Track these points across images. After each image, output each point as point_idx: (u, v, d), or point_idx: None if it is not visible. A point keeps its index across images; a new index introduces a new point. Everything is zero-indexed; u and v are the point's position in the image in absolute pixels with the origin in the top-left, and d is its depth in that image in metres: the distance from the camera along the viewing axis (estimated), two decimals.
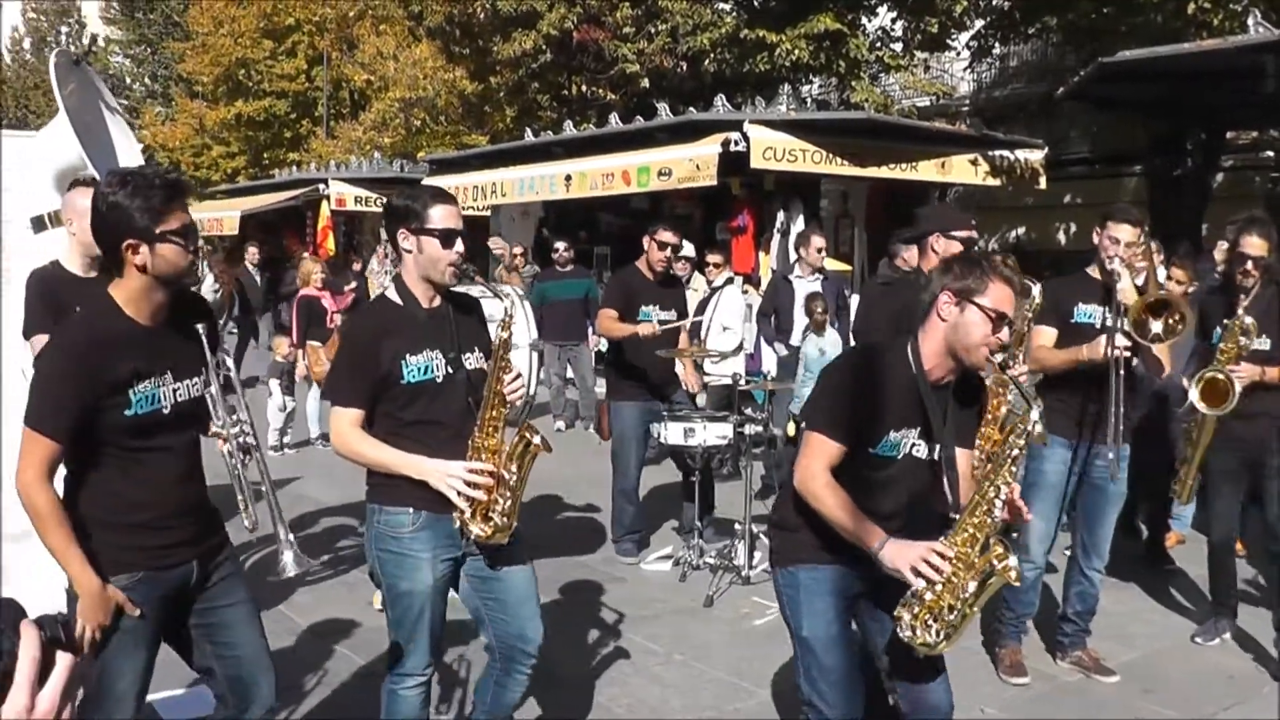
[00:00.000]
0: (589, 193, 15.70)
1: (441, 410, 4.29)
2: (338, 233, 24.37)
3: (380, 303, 4.52)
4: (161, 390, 3.74)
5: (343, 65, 36.22)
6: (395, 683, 4.43)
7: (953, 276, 3.99)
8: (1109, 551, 6.54)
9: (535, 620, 4.52)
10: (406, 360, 4.24)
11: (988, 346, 3.90)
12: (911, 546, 3.78)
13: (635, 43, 20.89)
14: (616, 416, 8.82)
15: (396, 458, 4.24)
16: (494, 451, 4.27)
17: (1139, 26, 16.58)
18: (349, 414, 4.28)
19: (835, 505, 3.92)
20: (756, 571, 8.10)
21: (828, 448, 3.98)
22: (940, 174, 15.63)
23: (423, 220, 4.28)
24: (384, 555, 4.36)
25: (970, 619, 3.81)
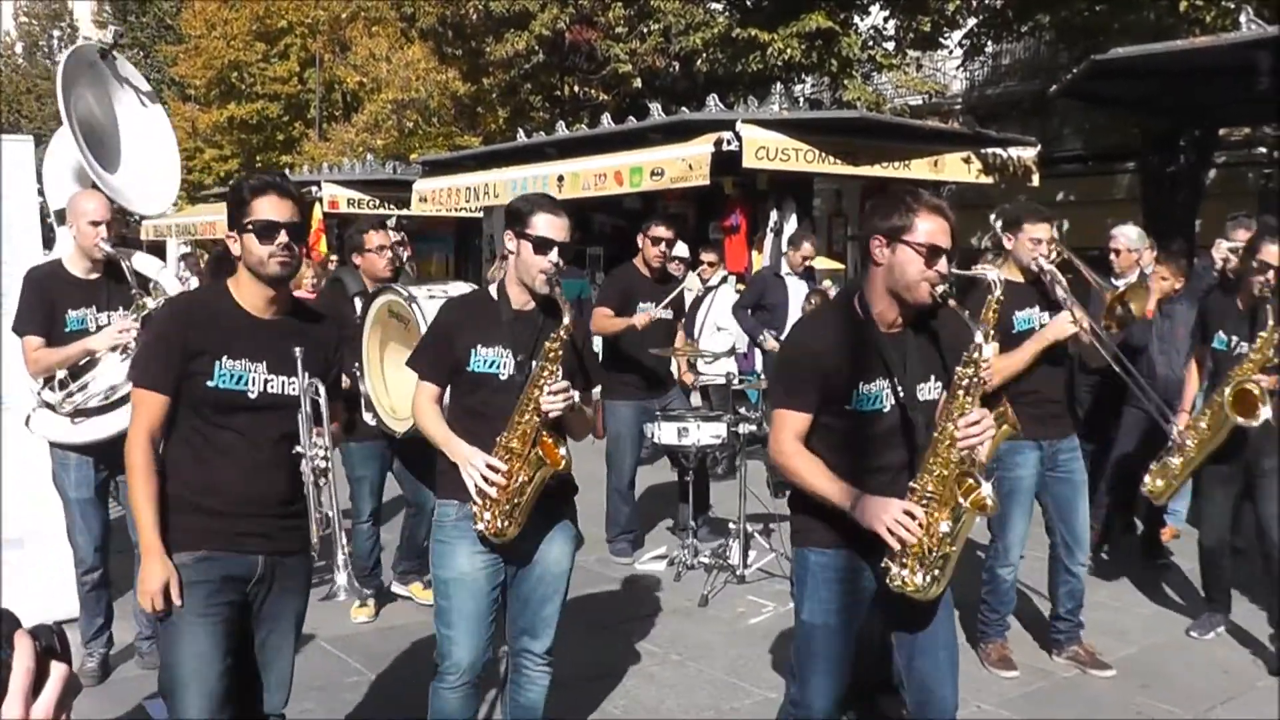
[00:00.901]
0: (581, 193, 15.66)
1: (496, 406, 4.38)
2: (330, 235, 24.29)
3: (476, 295, 4.82)
4: (250, 375, 3.88)
5: (335, 67, 36.16)
6: (438, 680, 4.48)
7: (879, 218, 3.95)
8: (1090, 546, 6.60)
9: (548, 624, 4.59)
10: (477, 349, 4.40)
11: (927, 281, 3.84)
12: (884, 505, 3.77)
13: (627, 43, 20.89)
14: (611, 416, 8.82)
15: (445, 436, 4.42)
16: (516, 455, 4.31)
17: (1132, 24, 16.61)
18: (426, 388, 4.50)
19: (805, 470, 3.93)
20: (751, 571, 8.12)
21: (790, 419, 3.97)
22: (933, 172, 15.61)
23: (525, 225, 4.41)
24: (434, 545, 4.52)
25: (953, 558, 3.82)
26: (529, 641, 4.58)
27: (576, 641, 6.77)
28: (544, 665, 4.61)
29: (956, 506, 3.75)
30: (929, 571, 3.79)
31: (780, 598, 7.57)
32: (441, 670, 4.44)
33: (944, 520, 3.77)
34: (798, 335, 4.31)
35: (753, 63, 19.86)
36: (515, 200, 4.59)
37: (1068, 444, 6.40)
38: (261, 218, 3.86)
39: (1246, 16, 10.83)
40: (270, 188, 3.90)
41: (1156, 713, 6.01)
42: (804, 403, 3.96)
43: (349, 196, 23.52)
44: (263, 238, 3.86)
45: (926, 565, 3.78)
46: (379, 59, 31.64)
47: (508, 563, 4.49)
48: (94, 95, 7.17)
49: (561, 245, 4.42)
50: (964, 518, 3.76)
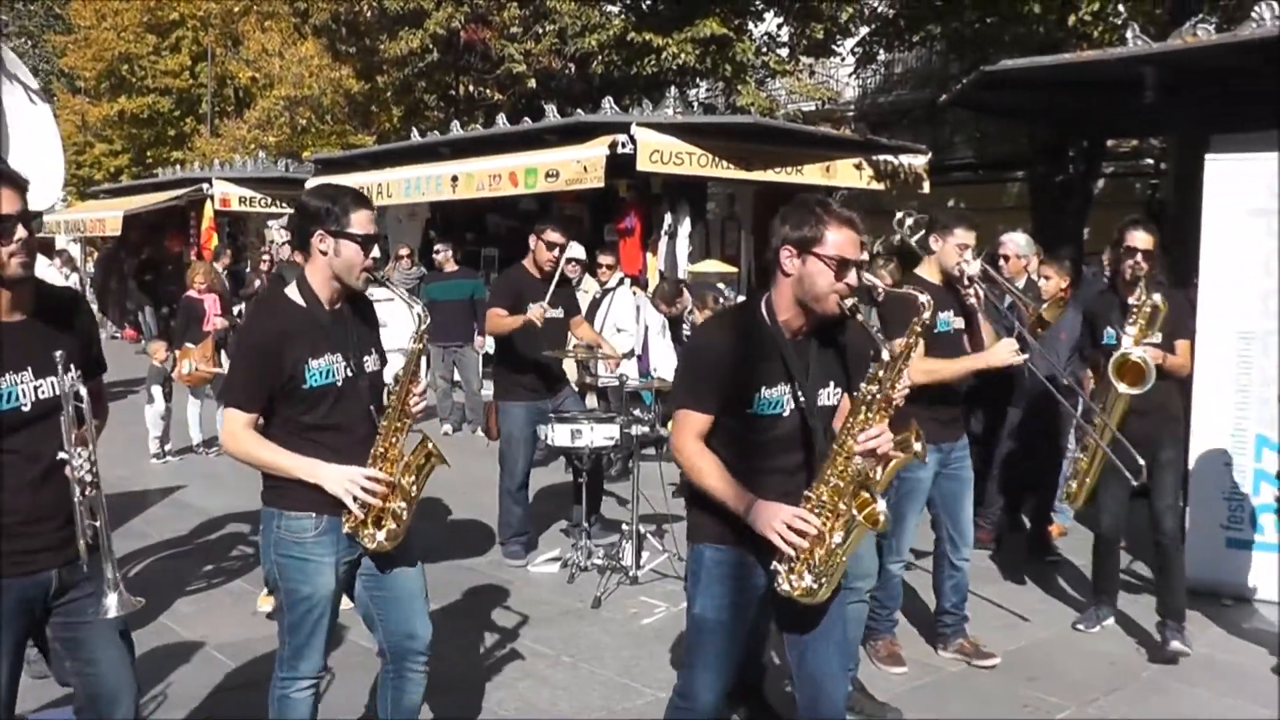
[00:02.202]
0: (476, 194, 15.62)
1: (342, 414, 4.26)
2: (221, 234, 23.95)
3: (282, 302, 4.35)
4: (18, 387, 3.66)
5: (227, 62, 35.68)
6: (286, 686, 4.36)
7: (789, 227, 3.95)
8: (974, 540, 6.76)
9: (424, 618, 4.50)
10: (309, 364, 4.18)
11: (836, 294, 3.87)
12: (777, 511, 3.81)
13: (522, 43, 20.82)
14: (504, 417, 8.78)
15: (293, 461, 4.19)
16: (393, 461, 4.25)
17: (1022, 36, 16.87)
18: (244, 417, 4.21)
19: (704, 470, 3.95)
20: (644, 571, 8.15)
21: (691, 419, 3.99)
22: (825, 178, 15.76)
23: (343, 224, 4.23)
24: (285, 560, 4.28)
25: (842, 566, 3.87)
26: (412, 642, 4.47)
27: (468, 644, 6.77)
28: (425, 663, 4.52)
29: (850, 519, 3.80)
30: (817, 578, 3.83)
31: (673, 598, 7.60)
32: (290, 677, 4.35)
33: (837, 531, 3.82)
34: (703, 337, 4.31)
35: (648, 66, 19.92)
36: (315, 197, 4.35)
37: (960, 445, 6.53)
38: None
39: (1132, 33, 11.05)
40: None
41: (1042, 705, 6.13)
42: (705, 404, 3.97)
43: (241, 194, 23.21)
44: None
45: (814, 572, 3.83)
46: (272, 54, 31.24)
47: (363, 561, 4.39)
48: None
49: (379, 240, 4.35)
50: (855, 530, 3.81)
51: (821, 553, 3.82)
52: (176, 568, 8.40)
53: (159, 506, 10.36)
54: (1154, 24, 14.11)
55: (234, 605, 7.57)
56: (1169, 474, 6.93)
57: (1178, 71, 10.67)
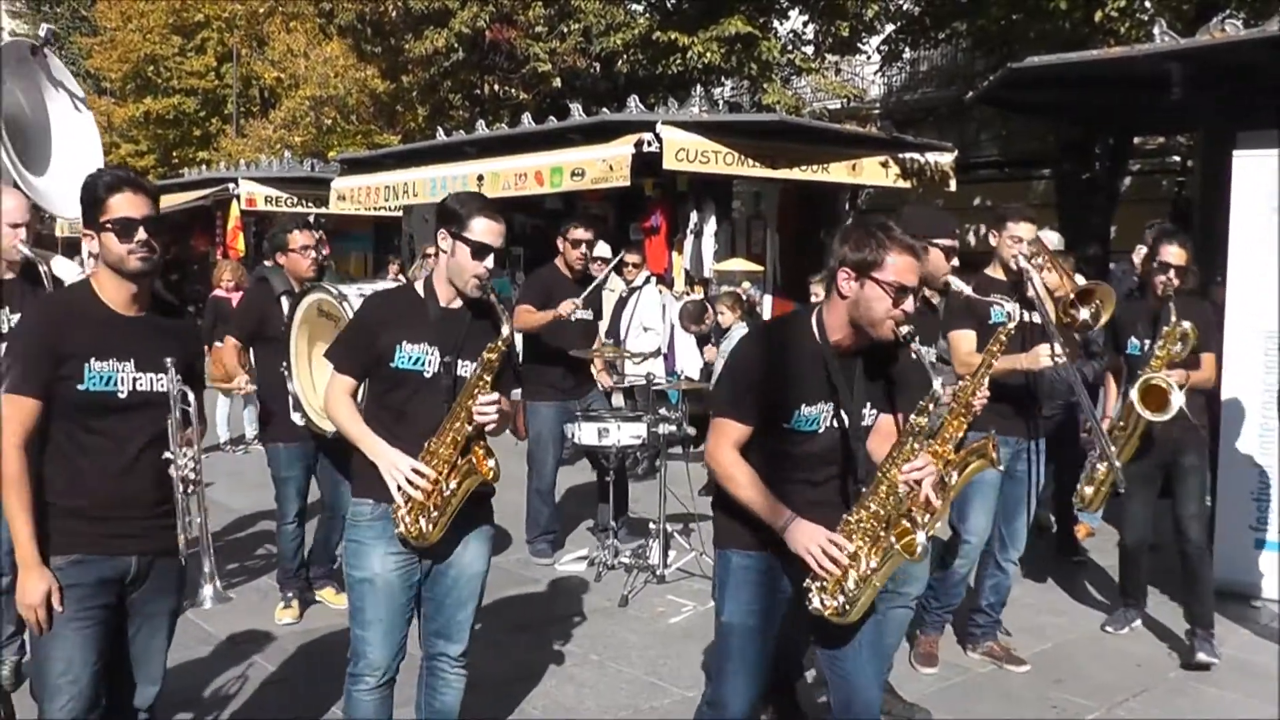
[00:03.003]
0: (501, 193, 15.63)
1: (419, 404, 4.34)
2: (248, 233, 24.07)
3: (403, 290, 4.69)
4: (119, 374, 3.83)
5: (252, 62, 35.72)
6: (351, 683, 4.41)
7: (849, 249, 3.93)
8: None
9: (463, 628, 4.53)
10: (402, 345, 4.33)
11: (892, 319, 3.86)
12: (813, 533, 3.82)
13: (548, 42, 20.87)
14: (533, 416, 8.82)
15: (362, 432, 4.33)
16: (445, 461, 4.28)
17: (1048, 33, 16.81)
18: (342, 381, 4.40)
19: (742, 482, 3.96)
20: (671, 570, 8.16)
21: (731, 429, 3.99)
22: (851, 176, 15.78)
23: (463, 227, 4.34)
24: (348, 545, 4.45)
25: (873, 591, 3.87)
26: (444, 645, 4.52)
27: (496, 642, 6.79)
28: (460, 668, 4.56)
29: (888, 547, 3.81)
30: (849, 600, 3.83)
31: (699, 597, 7.61)
32: (355, 672, 4.38)
33: (872, 557, 3.83)
34: (752, 347, 4.28)
35: (673, 65, 19.93)
36: (452, 199, 4.51)
37: (1034, 446, 6.45)
38: (119, 215, 3.82)
39: (1160, 29, 11.02)
40: (125, 184, 3.86)
41: (1070, 707, 6.12)
42: (747, 415, 3.98)
43: (266, 194, 23.34)
44: (121, 235, 3.82)
45: (846, 594, 3.83)
46: (297, 55, 31.32)
47: (421, 562, 4.43)
48: (23, 93, 7.06)
49: (498, 251, 4.40)
50: (892, 559, 3.82)
51: (855, 577, 3.83)
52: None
53: None
54: (1181, 19, 14.05)
55: (260, 603, 7.60)
56: (1192, 480, 6.89)
57: (1204, 67, 10.64)
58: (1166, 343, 6.62)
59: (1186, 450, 6.85)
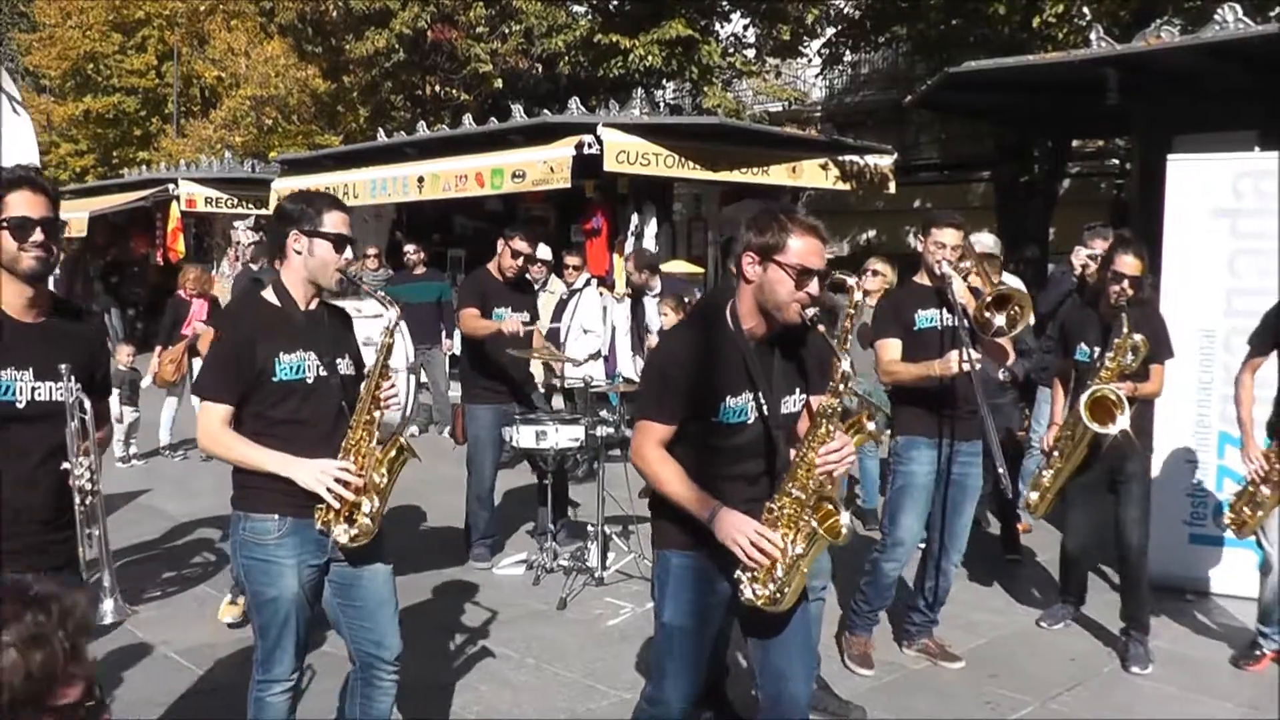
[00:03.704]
0: (442, 194, 15.60)
1: (311, 411, 4.28)
2: (188, 234, 23.82)
3: (258, 302, 4.47)
4: (17, 384, 3.71)
5: (193, 61, 35.43)
6: (263, 690, 4.37)
7: (752, 233, 3.95)
8: None
9: (392, 629, 4.49)
10: (280, 358, 4.23)
11: (797, 302, 3.88)
12: (740, 522, 3.82)
13: (489, 43, 20.81)
14: (471, 420, 8.77)
15: (266, 455, 4.22)
16: (364, 454, 4.25)
17: (986, 38, 16.97)
18: (219, 410, 4.25)
19: (667, 478, 3.95)
20: (610, 573, 8.15)
21: (654, 429, 3.99)
22: (792, 178, 15.81)
23: (316, 224, 4.31)
24: (249, 563, 4.31)
25: (803, 576, 3.88)
26: (380, 650, 4.47)
27: (433, 647, 6.75)
28: (394, 673, 4.52)
29: (812, 531, 3.81)
30: (779, 588, 3.84)
31: (638, 599, 7.60)
32: (266, 680, 4.36)
33: (798, 542, 3.83)
34: (669, 345, 4.28)
35: (614, 67, 19.94)
36: (291, 200, 4.45)
37: (969, 448, 6.47)
38: (16, 214, 3.70)
39: (1096, 35, 11.13)
40: (24, 183, 3.75)
41: (1005, 702, 6.16)
42: (670, 414, 3.98)
43: (207, 195, 23.07)
44: (16, 235, 3.70)
45: (776, 582, 3.84)
46: (238, 54, 31.11)
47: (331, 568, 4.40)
48: None
49: (353, 240, 4.40)
50: (817, 543, 3.83)
51: (783, 563, 3.83)
52: (140, 573, 8.33)
53: (123, 511, 10.26)
54: (1118, 25, 14.21)
55: (198, 610, 7.52)
56: (1135, 486, 6.92)
57: (1140, 73, 10.77)
58: (1118, 354, 6.61)
59: (1131, 457, 6.87)
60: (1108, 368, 6.63)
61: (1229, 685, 6.47)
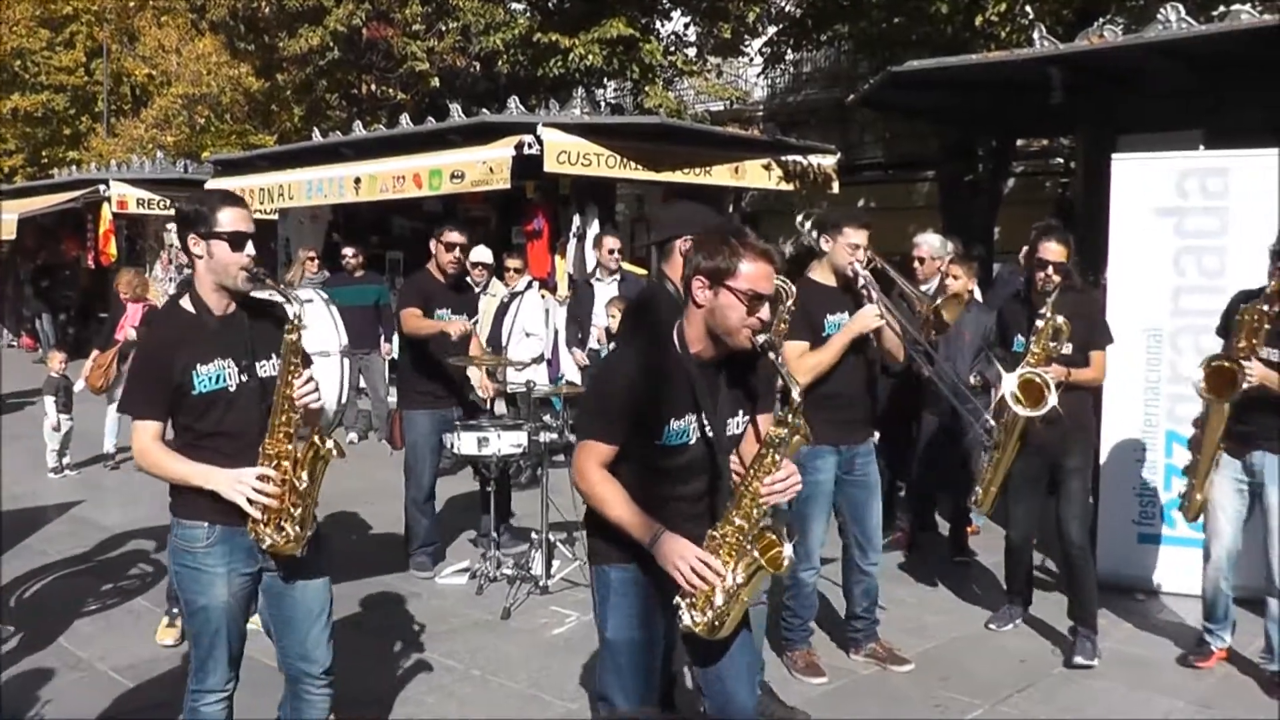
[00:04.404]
0: (379, 196, 15.48)
1: (235, 420, 4.25)
2: (119, 237, 23.53)
3: (172, 311, 4.43)
4: None
5: (123, 58, 35.03)
6: (196, 699, 4.35)
7: (703, 257, 3.92)
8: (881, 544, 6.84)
9: (322, 641, 4.45)
10: (197, 370, 4.19)
11: (748, 328, 3.85)
12: (682, 548, 3.80)
13: (426, 41, 20.65)
14: (409, 425, 8.70)
15: (189, 468, 4.21)
16: (284, 458, 4.20)
17: (929, 36, 17.05)
18: (148, 426, 4.25)
19: (611, 501, 3.93)
20: (555, 581, 8.11)
21: (597, 450, 3.97)
22: (734, 178, 15.81)
23: (211, 224, 4.23)
24: (181, 571, 4.31)
25: (741, 604, 3.86)
26: (305, 665, 4.44)
27: (373, 659, 6.69)
28: (325, 687, 4.49)
29: (753, 561, 3.79)
30: (718, 615, 3.82)
31: (583, 607, 7.56)
32: (199, 690, 4.34)
33: (739, 571, 3.81)
34: (615, 366, 4.23)
35: (554, 67, 19.87)
36: (186, 202, 4.40)
37: (864, 448, 6.54)
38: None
39: (1039, 34, 11.22)
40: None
41: (954, 705, 6.19)
42: (612, 434, 3.96)
43: (139, 196, 22.77)
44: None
45: (715, 610, 3.82)
46: (169, 51, 30.82)
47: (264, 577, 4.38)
48: None
49: (254, 236, 4.31)
50: (758, 572, 3.81)
51: (723, 592, 3.81)
52: (75, 587, 8.19)
53: (57, 523, 10.11)
54: (1061, 24, 14.31)
55: (134, 625, 7.40)
56: (1075, 481, 6.97)
57: (1085, 72, 10.85)
58: (1040, 337, 6.64)
59: (1071, 452, 6.93)
60: (1033, 352, 6.66)
61: (1179, 682, 6.52)
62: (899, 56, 14.64)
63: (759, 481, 3.80)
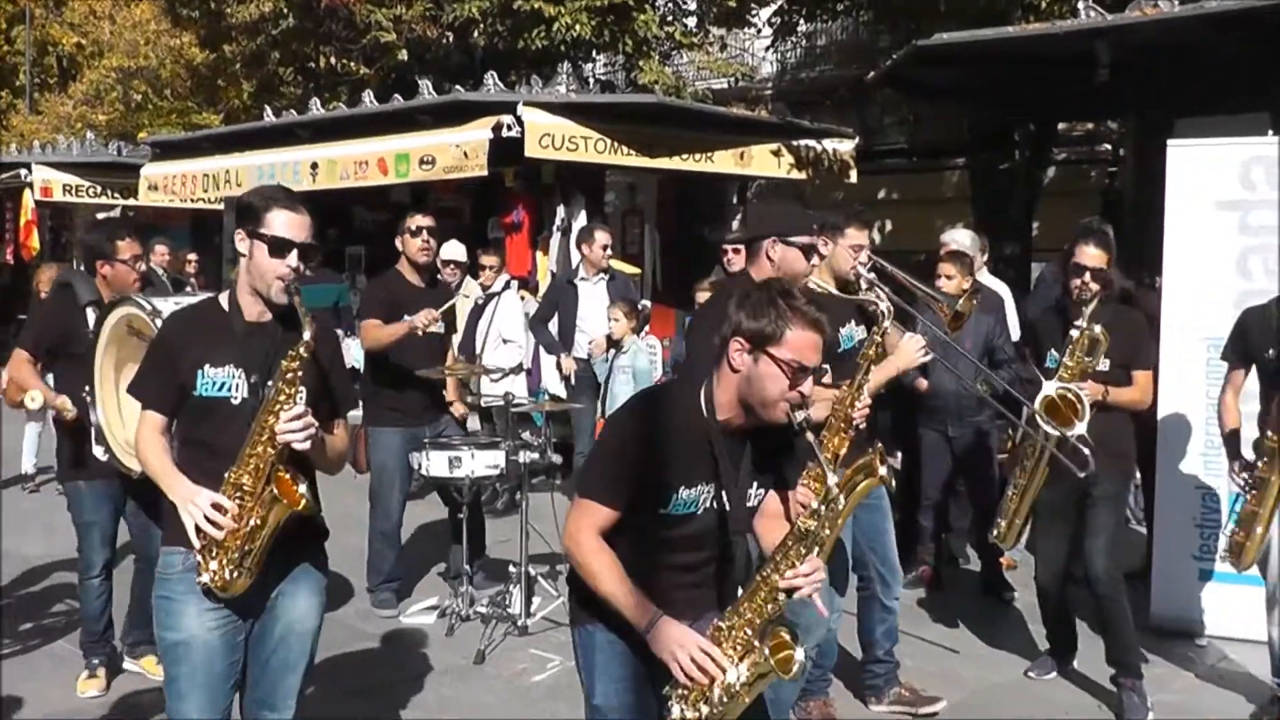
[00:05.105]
0: (339, 183, 15.44)
1: (227, 436, 4.23)
2: (43, 228, 23.49)
3: (205, 304, 4.55)
4: None
5: (48, 26, 35.03)
6: None
7: (745, 317, 3.88)
8: None
9: (288, 697, 4.44)
10: (205, 370, 4.24)
11: (787, 402, 3.82)
12: (683, 636, 3.77)
13: (392, 8, 20.65)
14: (375, 445, 8.68)
15: (163, 469, 4.28)
16: (248, 493, 4.17)
17: (960, 6, 17.01)
18: (150, 417, 4.35)
19: (603, 575, 3.89)
20: (535, 620, 8.09)
21: (596, 513, 3.93)
22: (739, 166, 15.79)
23: (258, 222, 4.25)
24: (156, 601, 4.35)
25: (741, 706, 3.80)
26: (267, 713, 4.43)
27: (332, 709, 6.64)
28: None
29: (761, 661, 3.75)
30: (712, 713, 3.78)
31: (567, 650, 7.40)
32: None
33: (744, 669, 3.77)
34: (630, 422, 4.17)
35: (537, 38, 19.83)
36: (247, 194, 4.46)
37: None
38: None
39: (1085, 3, 11.17)
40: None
41: None
42: (616, 498, 3.91)
43: (65, 182, 22.74)
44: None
45: (711, 706, 3.77)
46: (100, 18, 30.82)
47: (245, 619, 4.35)
48: None
49: (302, 247, 4.28)
50: (765, 674, 3.77)
51: (721, 689, 3.77)
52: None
53: None
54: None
55: (54, 670, 7.37)
56: (1103, 511, 6.89)
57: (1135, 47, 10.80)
58: (1075, 349, 6.59)
59: (1101, 479, 6.72)
60: (1067, 366, 6.61)
61: None
62: (926, 28, 14.63)
63: (779, 574, 3.76)
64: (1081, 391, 6.46)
